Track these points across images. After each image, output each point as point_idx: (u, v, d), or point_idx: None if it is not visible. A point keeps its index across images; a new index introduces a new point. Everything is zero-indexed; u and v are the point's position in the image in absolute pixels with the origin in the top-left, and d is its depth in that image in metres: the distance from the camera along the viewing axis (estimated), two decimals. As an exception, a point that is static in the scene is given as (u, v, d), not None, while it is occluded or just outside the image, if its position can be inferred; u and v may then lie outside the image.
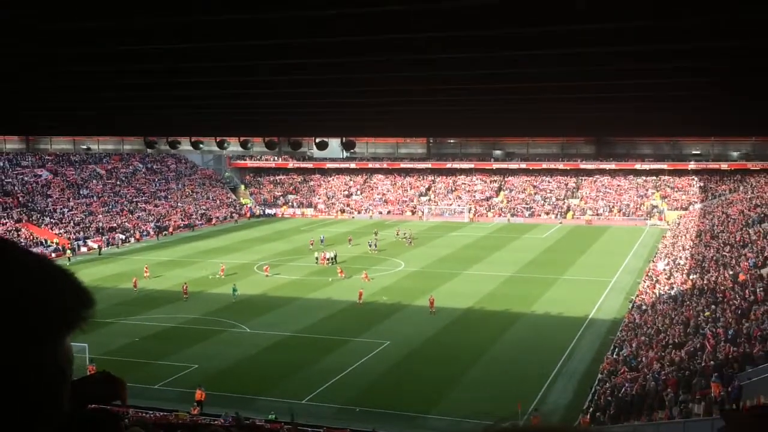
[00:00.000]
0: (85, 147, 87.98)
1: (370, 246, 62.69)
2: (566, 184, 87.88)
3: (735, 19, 7.23)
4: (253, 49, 8.98)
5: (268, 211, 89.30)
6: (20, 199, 72.14)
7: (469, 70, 10.23)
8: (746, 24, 7.37)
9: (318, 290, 47.44)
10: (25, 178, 76.91)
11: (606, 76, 10.94)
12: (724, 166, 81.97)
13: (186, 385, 30.23)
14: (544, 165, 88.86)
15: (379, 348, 35.16)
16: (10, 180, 75.44)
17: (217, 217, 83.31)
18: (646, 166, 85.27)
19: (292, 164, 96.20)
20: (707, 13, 6.98)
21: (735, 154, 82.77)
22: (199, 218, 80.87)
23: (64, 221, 70.07)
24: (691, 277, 43.42)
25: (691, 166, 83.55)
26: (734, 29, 7.53)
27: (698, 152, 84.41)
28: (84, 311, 0.88)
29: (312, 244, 63.50)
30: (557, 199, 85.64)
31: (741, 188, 76.23)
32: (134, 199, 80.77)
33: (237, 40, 8.27)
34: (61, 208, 73.10)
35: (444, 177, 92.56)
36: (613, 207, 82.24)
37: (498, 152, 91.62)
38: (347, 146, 32.73)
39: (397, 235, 68.81)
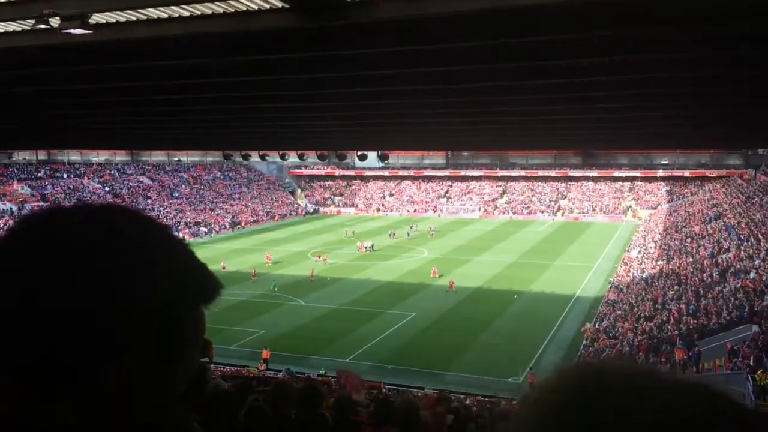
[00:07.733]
0: (176, 159, 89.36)
1: (407, 235, 63.45)
2: (558, 188, 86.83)
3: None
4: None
5: (318, 209, 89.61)
6: (126, 200, 73.26)
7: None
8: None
9: (359, 272, 47.48)
10: (130, 184, 78.09)
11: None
12: (686, 173, 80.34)
13: (255, 346, 30.46)
14: (540, 173, 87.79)
15: (407, 318, 35.12)
16: (119, 185, 76.66)
17: (279, 214, 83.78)
18: (623, 174, 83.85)
19: (338, 172, 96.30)
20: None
21: (695, 163, 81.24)
22: (265, 215, 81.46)
23: (160, 217, 70.87)
24: (658, 263, 42.80)
25: (660, 173, 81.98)
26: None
27: (665, 162, 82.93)
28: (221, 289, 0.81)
29: (346, 233, 64.05)
30: (550, 200, 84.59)
31: (700, 192, 74.63)
32: (214, 200, 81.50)
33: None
34: (158, 207, 74.09)
35: (459, 182, 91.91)
36: (595, 207, 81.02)
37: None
38: (383, 158, 32.76)
39: (422, 228, 68.48)
